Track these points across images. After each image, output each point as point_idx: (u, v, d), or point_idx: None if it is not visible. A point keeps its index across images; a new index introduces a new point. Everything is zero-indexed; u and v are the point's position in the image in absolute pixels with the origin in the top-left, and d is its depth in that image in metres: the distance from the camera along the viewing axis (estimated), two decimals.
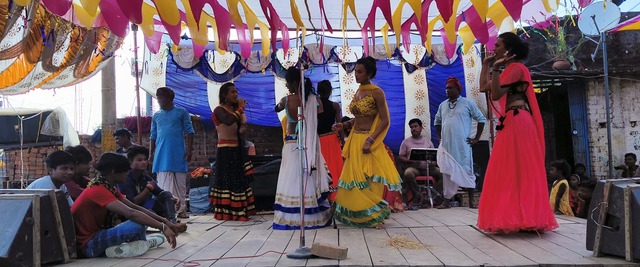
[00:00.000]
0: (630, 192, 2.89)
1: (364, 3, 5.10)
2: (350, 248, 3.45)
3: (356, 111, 4.69)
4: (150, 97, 10.48)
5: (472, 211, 5.91)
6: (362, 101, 4.63)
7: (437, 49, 7.55)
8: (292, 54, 7.72)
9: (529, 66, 9.14)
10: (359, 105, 4.64)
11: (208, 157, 8.33)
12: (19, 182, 8.96)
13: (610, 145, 8.02)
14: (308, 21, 6.25)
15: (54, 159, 3.86)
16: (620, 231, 2.92)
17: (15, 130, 8.55)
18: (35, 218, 3.06)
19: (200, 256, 3.43)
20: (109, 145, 7.34)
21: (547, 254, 3.19)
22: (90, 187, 3.65)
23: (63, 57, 5.15)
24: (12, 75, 5.15)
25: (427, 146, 7.06)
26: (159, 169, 6.09)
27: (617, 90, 9.10)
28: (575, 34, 9.08)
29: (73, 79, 6.01)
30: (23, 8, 4.02)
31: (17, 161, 9.32)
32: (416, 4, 4.68)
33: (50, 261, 3.17)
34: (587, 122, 9.14)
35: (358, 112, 4.66)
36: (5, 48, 4.41)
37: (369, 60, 4.83)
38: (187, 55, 7.52)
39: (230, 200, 5.48)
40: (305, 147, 3.68)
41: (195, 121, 8.35)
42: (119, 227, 3.62)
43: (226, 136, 5.61)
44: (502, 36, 4.13)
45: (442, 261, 3.04)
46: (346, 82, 7.97)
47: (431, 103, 7.90)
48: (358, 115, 4.70)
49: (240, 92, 6.43)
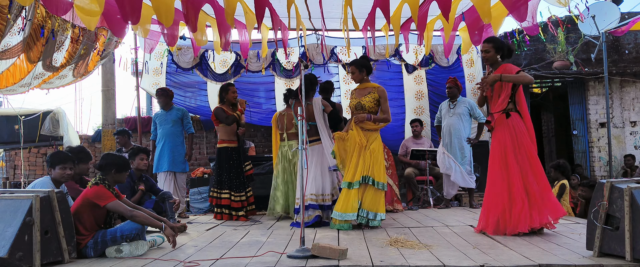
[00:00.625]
0: (630, 192, 2.90)
1: (364, 3, 5.10)
2: (350, 248, 3.45)
3: (361, 107, 4.66)
4: (150, 97, 10.48)
5: (472, 211, 5.91)
6: (368, 97, 4.65)
7: (437, 49, 7.54)
8: (292, 54, 7.72)
9: (529, 66, 9.15)
10: (364, 102, 4.64)
11: (208, 157, 8.33)
12: (19, 182, 8.95)
13: (610, 145, 8.01)
14: (308, 21, 6.25)
15: (53, 159, 3.87)
16: (620, 231, 2.92)
17: (15, 130, 8.55)
18: (35, 218, 3.06)
19: (200, 256, 3.43)
20: (109, 145, 7.34)
21: (547, 254, 3.19)
22: (90, 187, 3.65)
23: (63, 57, 5.15)
24: (12, 75, 5.16)
25: (427, 146, 7.06)
26: (160, 169, 6.09)
27: (617, 90, 9.10)
28: (575, 34, 9.08)
29: (72, 78, 6.01)
30: (23, 8, 4.02)
31: (17, 161, 9.32)
32: (414, 5, 4.68)
33: (50, 261, 3.17)
34: (587, 122, 9.14)
35: (363, 108, 4.65)
36: (5, 48, 4.41)
37: (361, 59, 4.90)
38: (187, 55, 7.52)
39: (230, 200, 5.47)
40: (305, 147, 3.69)
41: (195, 121, 8.35)
42: (119, 227, 3.62)
43: (226, 136, 5.61)
44: (490, 41, 4.16)
45: (442, 261, 3.04)
46: (346, 82, 7.96)
47: (431, 103, 7.90)
48: (362, 112, 4.69)
49: (240, 92, 6.44)
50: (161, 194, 4.98)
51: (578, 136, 9.30)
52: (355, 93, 4.81)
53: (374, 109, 4.64)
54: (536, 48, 9.38)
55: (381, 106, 4.67)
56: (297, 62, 7.67)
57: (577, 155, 9.34)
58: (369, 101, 4.63)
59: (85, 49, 5.36)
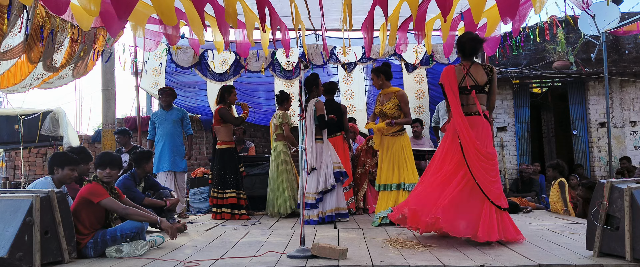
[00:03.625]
0: (630, 192, 2.90)
1: (364, 1, 5.09)
2: (350, 248, 3.45)
3: (383, 115, 4.88)
4: (150, 97, 10.47)
5: None
6: (388, 104, 4.85)
7: (437, 48, 7.53)
8: (292, 54, 7.71)
9: (529, 66, 9.15)
10: (386, 109, 4.85)
11: (208, 158, 8.33)
12: (19, 182, 8.95)
13: (610, 145, 8.01)
14: (307, 20, 6.24)
15: (61, 159, 3.86)
16: (620, 231, 2.92)
17: (15, 130, 8.55)
18: (35, 218, 3.06)
19: (200, 256, 3.43)
20: (109, 145, 7.34)
21: (547, 254, 3.19)
22: (85, 184, 3.66)
23: (62, 57, 5.15)
24: (13, 76, 5.15)
25: (427, 146, 7.05)
26: (160, 169, 6.08)
27: (617, 90, 9.10)
28: (575, 34, 9.08)
29: (72, 78, 6.00)
30: (24, 8, 4.01)
31: (17, 161, 9.31)
32: (413, 3, 4.67)
33: (50, 261, 3.17)
34: (587, 122, 9.14)
35: (385, 115, 4.86)
36: (6, 48, 4.41)
37: (383, 66, 5.08)
38: (187, 54, 7.51)
39: (238, 198, 5.55)
40: (305, 147, 3.70)
41: (195, 121, 8.35)
42: (118, 226, 3.62)
43: (227, 136, 5.64)
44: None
45: (442, 261, 3.04)
46: (346, 82, 7.96)
47: (431, 103, 7.89)
48: (386, 118, 4.86)
49: (240, 92, 6.46)
50: (159, 192, 4.99)
51: (578, 135, 9.30)
52: (379, 99, 5.04)
53: (397, 114, 4.86)
54: (536, 48, 9.38)
55: (402, 110, 4.86)
56: (296, 63, 7.67)
57: (577, 155, 9.33)
58: (390, 108, 4.84)
59: (84, 49, 5.35)
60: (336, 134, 5.58)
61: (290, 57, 7.68)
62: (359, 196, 5.95)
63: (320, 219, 5.06)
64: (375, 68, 5.10)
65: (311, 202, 5.05)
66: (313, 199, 5.07)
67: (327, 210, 5.08)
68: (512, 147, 9.08)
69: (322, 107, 5.25)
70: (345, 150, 5.67)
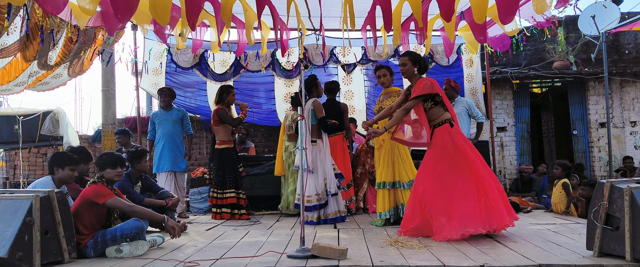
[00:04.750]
0: (630, 192, 2.89)
1: (364, 1, 5.09)
2: (350, 248, 3.45)
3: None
4: (150, 97, 10.47)
5: None
6: (387, 102, 4.88)
7: (436, 49, 7.53)
8: (292, 54, 7.71)
9: (529, 66, 9.16)
10: (385, 107, 4.83)
11: (208, 158, 8.33)
12: (19, 182, 8.95)
13: (610, 145, 8.02)
14: (308, 20, 6.24)
15: (62, 160, 3.85)
16: (620, 231, 2.92)
17: (15, 130, 8.55)
18: (35, 218, 3.06)
19: (200, 256, 3.43)
20: (109, 145, 7.34)
21: (547, 254, 3.19)
22: (89, 186, 3.66)
23: (56, 55, 5.14)
24: (7, 73, 5.15)
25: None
26: (161, 169, 6.08)
27: (617, 90, 9.10)
28: (575, 34, 9.09)
29: (68, 77, 5.99)
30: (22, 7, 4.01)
31: (17, 161, 9.32)
32: (416, 3, 4.67)
33: (50, 261, 3.17)
34: (587, 122, 9.14)
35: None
36: (2, 47, 4.41)
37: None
38: (187, 54, 7.50)
39: (237, 198, 5.55)
40: (305, 147, 3.69)
41: (195, 121, 8.35)
42: (119, 226, 3.62)
43: (226, 136, 5.64)
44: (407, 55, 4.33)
45: (442, 261, 3.04)
46: (346, 83, 7.95)
47: None
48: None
49: (240, 92, 6.45)
50: (160, 193, 4.98)
51: (578, 135, 9.30)
52: (380, 97, 5.08)
53: None
54: (536, 48, 9.38)
55: None
56: (296, 62, 7.66)
57: (577, 155, 9.34)
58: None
59: (83, 50, 5.35)
60: (336, 134, 5.58)
61: (290, 57, 7.67)
62: (359, 196, 5.95)
63: (322, 221, 5.05)
64: (385, 67, 5.09)
65: (311, 205, 5.04)
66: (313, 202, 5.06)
67: (330, 213, 5.08)
68: (512, 147, 9.08)
69: (321, 108, 5.23)
70: (344, 150, 5.66)
